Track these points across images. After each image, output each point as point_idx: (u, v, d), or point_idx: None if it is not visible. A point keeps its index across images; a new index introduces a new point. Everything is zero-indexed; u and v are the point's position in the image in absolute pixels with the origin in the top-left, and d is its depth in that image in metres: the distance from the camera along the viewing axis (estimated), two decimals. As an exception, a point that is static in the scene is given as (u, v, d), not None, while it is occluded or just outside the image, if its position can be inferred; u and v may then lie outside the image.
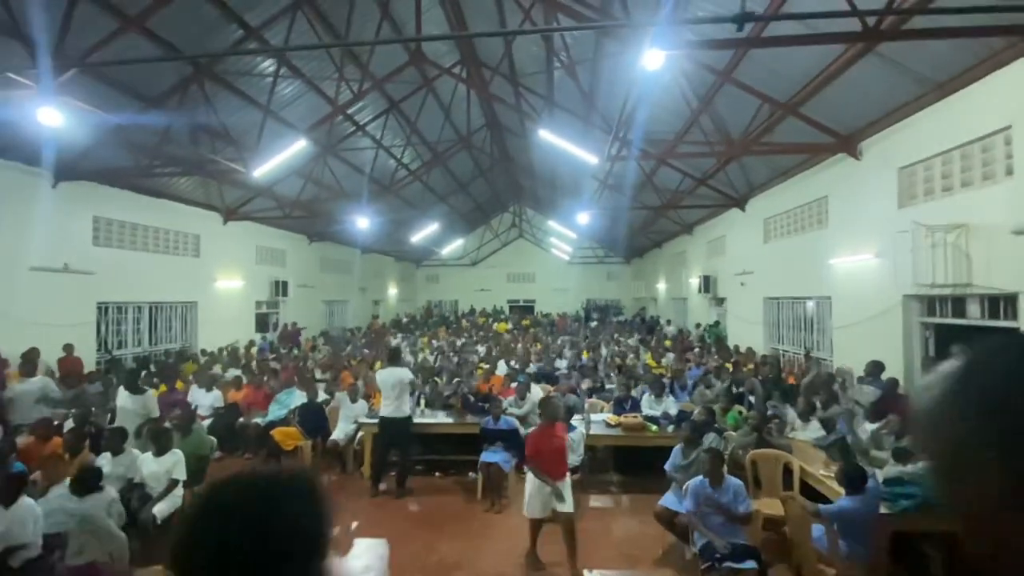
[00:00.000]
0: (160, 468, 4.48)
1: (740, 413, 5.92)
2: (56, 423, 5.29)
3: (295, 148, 8.67)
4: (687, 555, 4.22)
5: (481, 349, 13.02)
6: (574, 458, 5.15)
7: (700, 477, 3.68)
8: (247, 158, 9.11)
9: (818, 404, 6.00)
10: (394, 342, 15.08)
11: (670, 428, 5.76)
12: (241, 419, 7.23)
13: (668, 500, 4.28)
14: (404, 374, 5.86)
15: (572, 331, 17.84)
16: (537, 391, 7.25)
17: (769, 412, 5.50)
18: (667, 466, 4.47)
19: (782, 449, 4.73)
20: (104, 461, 4.39)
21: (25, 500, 3.36)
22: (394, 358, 6.13)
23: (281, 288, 14.89)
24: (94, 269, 9.50)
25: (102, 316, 9.91)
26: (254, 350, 12.48)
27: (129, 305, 10.56)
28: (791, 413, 5.63)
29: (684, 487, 3.95)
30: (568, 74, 9.40)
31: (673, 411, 6.22)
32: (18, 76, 5.21)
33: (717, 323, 14.03)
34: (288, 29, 8.22)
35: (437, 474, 6.37)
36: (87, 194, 9.41)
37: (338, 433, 6.53)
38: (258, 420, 7.15)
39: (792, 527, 3.63)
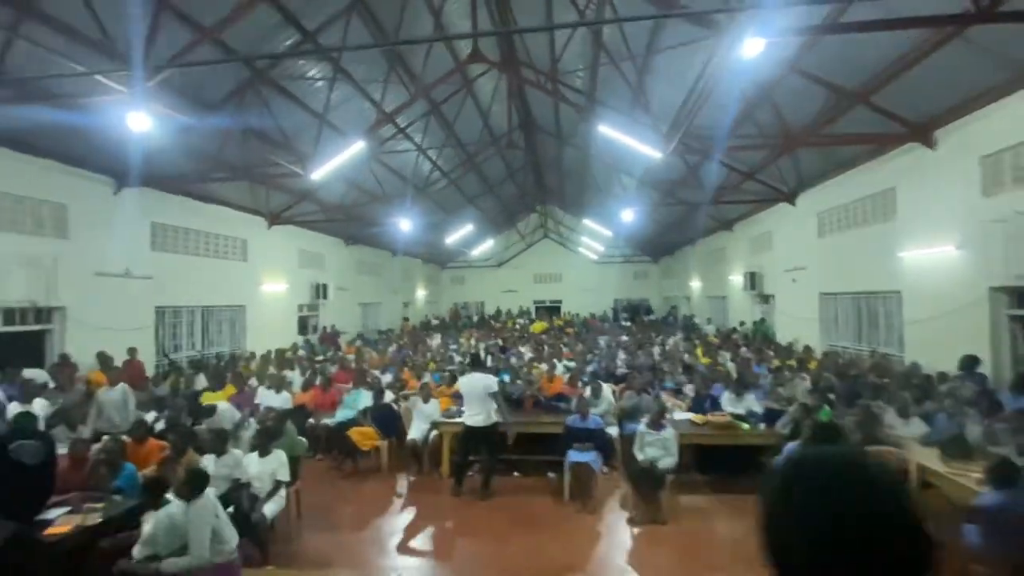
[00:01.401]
0: (265, 469, 4.48)
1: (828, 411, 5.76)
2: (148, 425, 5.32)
3: (352, 150, 8.67)
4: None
5: (523, 349, 12.95)
6: (670, 460, 5.04)
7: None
8: (303, 162, 9.17)
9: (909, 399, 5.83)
10: (433, 343, 15.13)
11: (761, 426, 5.64)
12: (310, 420, 7.24)
13: (784, 499, 4.14)
14: (490, 381, 5.78)
15: (606, 331, 17.72)
16: (607, 389, 7.17)
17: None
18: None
19: (894, 446, 4.58)
20: (208, 462, 4.39)
21: (170, 506, 3.33)
22: (476, 364, 6.06)
23: (322, 291, 14.99)
24: (152, 274, 9.63)
25: (160, 320, 10.03)
26: (300, 352, 12.54)
27: (183, 309, 10.68)
28: (889, 410, 5.45)
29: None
30: (618, 69, 9.26)
31: (757, 409, 6.09)
32: (110, 81, 5.25)
33: (763, 320, 13.80)
34: (344, 31, 8.27)
35: (516, 474, 6.30)
36: (145, 200, 9.53)
37: (414, 432, 6.49)
38: (327, 421, 7.16)
39: (936, 524, 3.48)
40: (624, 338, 14.32)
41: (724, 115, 8.77)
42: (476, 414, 5.62)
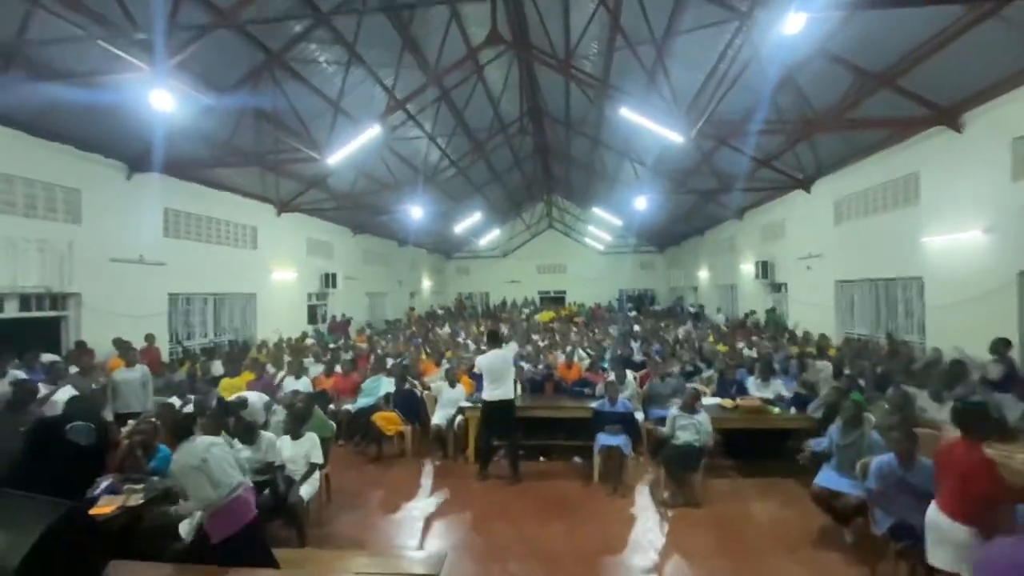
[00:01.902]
0: (298, 452, 4.44)
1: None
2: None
3: (368, 135, 8.54)
4: (847, 537, 4.07)
5: (536, 337, 12.91)
6: (707, 438, 5.01)
7: (888, 456, 3.51)
8: (317, 148, 9.05)
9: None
10: (442, 331, 15.09)
11: (791, 410, 5.60)
12: (331, 406, 7.19)
13: (826, 480, 4.12)
14: (510, 352, 5.75)
15: (614, 320, 17.69)
16: (629, 375, 7.14)
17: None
18: (823, 445, 4.31)
19: (936, 428, 4.54)
20: (242, 446, 4.34)
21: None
22: (494, 340, 6.00)
23: (331, 280, 14.91)
24: (165, 260, 9.55)
25: (173, 307, 9.96)
26: (310, 341, 12.50)
27: (196, 296, 10.61)
28: (922, 394, 5.41)
29: (858, 466, 3.79)
30: (635, 53, 9.11)
31: (785, 393, 6.05)
32: (131, 57, 5.14)
33: (773, 309, 13.75)
34: (358, 19, 8.12)
35: (541, 458, 6.27)
36: (158, 186, 9.41)
37: (439, 418, 6.46)
38: (348, 407, 7.12)
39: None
40: (636, 327, 14.27)
41: (745, 99, 8.66)
42: (496, 388, 5.59)
